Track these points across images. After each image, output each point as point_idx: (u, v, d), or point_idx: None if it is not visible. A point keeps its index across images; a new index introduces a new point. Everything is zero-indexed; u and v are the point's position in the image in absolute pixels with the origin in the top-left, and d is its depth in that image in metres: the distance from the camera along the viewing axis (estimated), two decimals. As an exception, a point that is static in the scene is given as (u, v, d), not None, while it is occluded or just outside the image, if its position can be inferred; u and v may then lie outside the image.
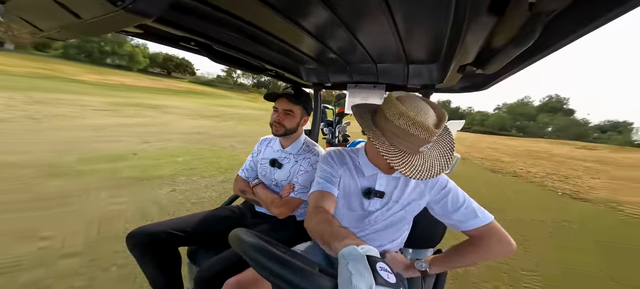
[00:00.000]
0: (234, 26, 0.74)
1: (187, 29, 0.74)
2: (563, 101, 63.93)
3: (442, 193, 0.77)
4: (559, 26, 0.50)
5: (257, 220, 1.14)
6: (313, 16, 0.66)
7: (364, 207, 0.84)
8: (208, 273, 0.82)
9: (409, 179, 0.80)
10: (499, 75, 0.89)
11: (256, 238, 0.46)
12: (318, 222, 0.62)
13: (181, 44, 0.86)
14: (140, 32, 0.75)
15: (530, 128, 58.25)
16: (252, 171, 1.23)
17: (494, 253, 0.72)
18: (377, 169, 0.80)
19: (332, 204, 0.75)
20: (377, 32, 0.72)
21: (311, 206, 0.75)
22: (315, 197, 0.77)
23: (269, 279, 0.41)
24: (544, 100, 65.87)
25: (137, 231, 0.92)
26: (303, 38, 0.81)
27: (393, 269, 0.40)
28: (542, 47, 0.57)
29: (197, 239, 1.03)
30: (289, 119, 1.07)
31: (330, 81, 1.32)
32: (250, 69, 1.18)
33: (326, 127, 3.53)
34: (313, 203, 0.75)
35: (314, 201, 0.76)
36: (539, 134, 51.42)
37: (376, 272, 0.37)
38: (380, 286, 0.35)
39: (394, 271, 0.39)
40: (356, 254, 0.40)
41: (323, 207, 0.71)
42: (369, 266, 0.38)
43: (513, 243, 0.71)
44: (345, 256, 0.41)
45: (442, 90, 1.26)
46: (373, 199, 0.82)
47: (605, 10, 0.40)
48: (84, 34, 0.51)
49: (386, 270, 0.38)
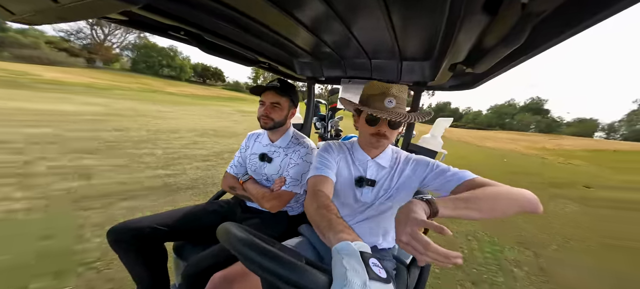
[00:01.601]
0: (226, 16, 0.71)
1: (176, 17, 0.70)
2: (541, 102, 76.24)
3: (428, 168, 0.81)
4: (547, 27, 0.51)
5: (248, 215, 1.12)
6: (309, 9, 0.65)
7: (357, 198, 0.86)
8: (196, 268, 0.80)
9: (397, 168, 0.86)
10: (487, 74, 0.91)
11: (245, 232, 0.46)
12: (318, 207, 0.63)
13: (170, 33, 0.82)
14: (124, 19, 0.71)
15: (510, 124, 72.33)
16: (241, 167, 1.20)
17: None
18: (367, 156, 0.87)
19: (330, 188, 0.77)
20: (372, 27, 0.72)
21: (310, 189, 0.75)
22: (313, 182, 0.78)
23: (258, 273, 0.41)
24: (527, 102, 78.03)
25: (119, 226, 0.88)
26: (298, 31, 0.80)
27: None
28: (530, 47, 0.59)
29: (184, 234, 1.01)
30: (276, 111, 1.06)
31: (325, 75, 1.31)
32: (242, 60, 1.14)
33: (319, 122, 3.53)
34: (312, 187, 0.76)
35: (312, 184, 0.77)
36: (515, 128, 63.49)
37: (369, 267, 0.39)
38: (373, 280, 0.37)
39: (383, 266, 0.42)
40: (350, 250, 0.42)
41: (322, 191, 0.72)
42: (363, 261, 0.39)
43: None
44: (339, 251, 0.42)
45: (433, 87, 1.28)
46: (365, 189, 0.85)
47: (591, 13, 0.42)
48: (60, 19, 0.47)
49: (377, 266, 0.40)
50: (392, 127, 0.79)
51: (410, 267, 1.06)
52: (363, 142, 0.87)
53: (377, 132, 0.79)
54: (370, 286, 0.36)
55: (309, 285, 0.37)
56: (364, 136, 0.84)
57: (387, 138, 0.80)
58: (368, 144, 0.84)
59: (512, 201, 0.61)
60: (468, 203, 0.58)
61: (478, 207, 0.58)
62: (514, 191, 0.63)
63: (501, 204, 0.60)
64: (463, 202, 0.58)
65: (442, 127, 1.84)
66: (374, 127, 0.79)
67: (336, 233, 0.49)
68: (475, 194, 0.61)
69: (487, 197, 0.60)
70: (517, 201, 0.62)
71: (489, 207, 0.59)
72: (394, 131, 0.80)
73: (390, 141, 0.82)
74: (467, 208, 0.58)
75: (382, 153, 0.87)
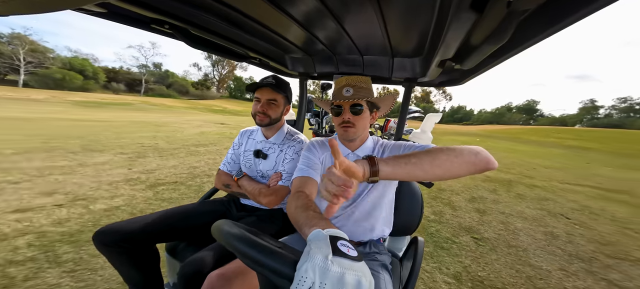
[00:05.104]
0: (214, 10, 0.69)
1: (160, 10, 0.68)
2: (535, 103, 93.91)
3: (402, 150, 0.85)
4: (531, 25, 0.53)
5: (243, 213, 1.12)
6: (301, 4, 0.64)
7: None
8: (192, 267, 0.79)
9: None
10: (475, 70, 0.94)
11: (238, 228, 0.46)
12: (296, 207, 0.64)
13: (153, 26, 0.78)
14: (102, 11, 0.67)
15: (504, 121, 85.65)
16: (235, 164, 1.19)
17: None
18: (348, 149, 0.91)
19: (313, 189, 0.78)
20: (364, 24, 0.72)
21: (292, 191, 0.78)
22: (296, 183, 0.81)
23: (246, 263, 0.42)
24: (522, 104, 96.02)
25: (107, 228, 0.85)
26: (290, 26, 0.79)
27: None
28: (515, 44, 0.61)
29: (176, 234, 0.99)
30: (273, 108, 1.06)
31: (317, 71, 1.30)
32: (232, 56, 1.12)
33: (313, 118, 3.52)
34: (294, 189, 0.78)
35: (295, 186, 0.80)
36: (508, 123, 76.64)
37: (335, 247, 0.40)
38: (337, 256, 0.38)
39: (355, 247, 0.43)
40: (320, 235, 0.43)
41: (304, 192, 0.73)
42: (330, 242, 0.41)
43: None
44: (310, 238, 0.44)
45: (423, 84, 1.30)
46: None
47: (573, 11, 0.43)
48: (31, 10, 0.43)
49: (347, 246, 0.41)
50: (354, 114, 0.83)
51: (402, 260, 1.09)
52: (339, 135, 0.92)
53: (342, 120, 0.84)
54: (332, 261, 0.37)
55: (277, 266, 0.39)
56: (337, 129, 0.89)
57: (353, 125, 0.84)
58: (340, 136, 0.89)
59: (458, 159, 0.61)
60: (408, 160, 0.60)
61: (419, 166, 0.59)
62: (460, 149, 0.62)
63: (445, 163, 0.60)
64: (403, 160, 0.60)
65: (432, 122, 1.87)
66: (340, 116, 0.85)
67: (311, 226, 0.51)
68: (417, 153, 0.62)
69: (430, 156, 0.61)
70: (465, 158, 0.61)
71: (431, 165, 0.60)
72: (357, 118, 0.84)
73: (358, 129, 0.85)
74: (407, 164, 0.59)
75: (361, 146, 0.90)
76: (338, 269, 0.36)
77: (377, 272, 0.76)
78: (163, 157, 4.15)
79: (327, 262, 0.37)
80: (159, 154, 4.35)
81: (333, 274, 0.35)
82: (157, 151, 4.57)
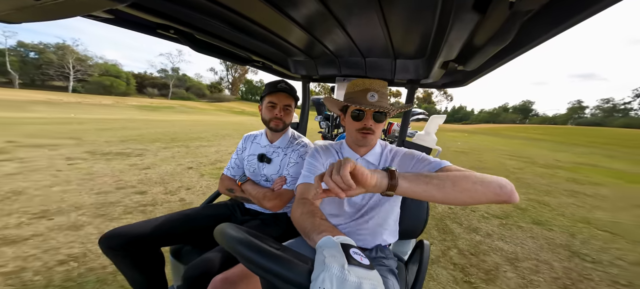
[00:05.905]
0: (218, 14, 0.70)
1: (165, 15, 0.69)
2: (530, 104, 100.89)
3: (414, 161, 0.79)
4: (534, 25, 0.53)
5: (248, 217, 1.12)
6: (303, 7, 0.65)
7: (350, 199, 0.86)
8: (196, 270, 0.79)
9: (385, 164, 0.86)
10: (478, 72, 0.93)
11: (241, 232, 0.46)
12: (302, 213, 0.64)
13: (159, 32, 0.80)
14: (110, 17, 0.69)
15: (500, 120, 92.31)
16: (239, 169, 1.20)
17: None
18: (356, 154, 0.87)
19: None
20: (366, 26, 0.72)
21: (297, 197, 0.77)
22: (301, 190, 0.79)
23: (252, 269, 0.42)
24: (518, 104, 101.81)
25: (113, 233, 0.86)
26: (292, 29, 0.79)
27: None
28: (518, 46, 0.61)
29: (180, 237, 1.00)
30: (287, 114, 1.08)
31: (319, 74, 1.31)
32: (235, 59, 1.13)
33: (323, 122, 3.51)
34: (299, 195, 0.77)
35: (299, 193, 0.79)
36: (504, 122, 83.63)
37: (349, 255, 0.40)
38: (353, 266, 0.38)
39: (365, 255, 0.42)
40: (331, 243, 0.43)
41: (308, 199, 0.72)
42: (343, 250, 0.41)
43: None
44: (320, 245, 0.44)
45: (426, 85, 1.30)
46: None
47: (577, 12, 0.43)
48: (41, 17, 0.44)
49: (359, 254, 0.41)
50: (376, 121, 0.80)
51: (408, 263, 1.07)
52: (350, 140, 0.88)
53: (363, 126, 0.80)
54: (349, 270, 0.37)
55: (292, 275, 0.38)
56: (350, 133, 0.85)
57: (373, 133, 0.81)
58: (355, 141, 0.85)
59: (481, 187, 0.58)
60: (430, 180, 0.57)
61: (440, 188, 0.56)
62: (484, 177, 0.59)
63: (468, 188, 0.57)
64: (424, 179, 0.57)
65: (436, 124, 1.86)
66: (360, 122, 0.81)
67: (319, 232, 0.50)
68: (440, 175, 0.59)
69: (452, 179, 0.58)
70: (488, 187, 0.58)
71: (453, 189, 0.56)
72: (378, 125, 0.81)
73: (376, 136, 0.83)
74: (428, 184, 0.56)
75: (370, 151, 0.88)
76: (355, 279, 0.36)
77: (385, 277, 0.75)
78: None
79: (344, 272, 0.36)
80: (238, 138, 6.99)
81: (351, 284, 0.35)
82: (236, 138, 8.03)
